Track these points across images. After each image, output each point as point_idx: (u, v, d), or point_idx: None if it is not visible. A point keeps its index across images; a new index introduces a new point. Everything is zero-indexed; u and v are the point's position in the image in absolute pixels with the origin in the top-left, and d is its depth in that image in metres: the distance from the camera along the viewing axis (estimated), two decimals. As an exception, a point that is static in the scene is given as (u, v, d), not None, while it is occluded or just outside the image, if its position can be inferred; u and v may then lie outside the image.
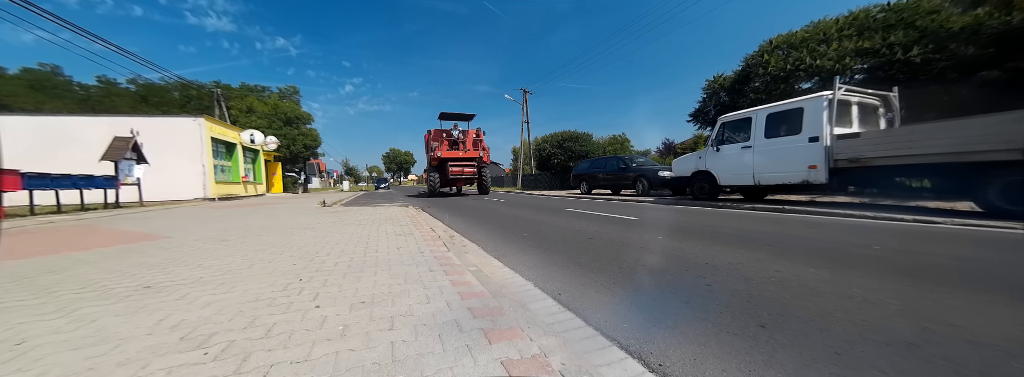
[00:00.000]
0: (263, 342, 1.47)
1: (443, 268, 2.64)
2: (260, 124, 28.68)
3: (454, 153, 16.18)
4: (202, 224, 6.14)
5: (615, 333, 1.72)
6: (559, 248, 3.79)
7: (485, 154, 16.89)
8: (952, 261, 2.88)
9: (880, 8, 10.78)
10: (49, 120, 15.04)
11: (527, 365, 1.26)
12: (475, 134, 17.41)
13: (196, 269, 2.79)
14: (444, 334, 1.52)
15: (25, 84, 34.39)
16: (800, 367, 1.38)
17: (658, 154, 28.99)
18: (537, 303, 2.12)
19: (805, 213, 6.07)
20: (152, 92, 37.75)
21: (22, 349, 1.47)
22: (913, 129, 5.57)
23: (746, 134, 7.91)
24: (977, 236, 3.86)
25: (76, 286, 2.39)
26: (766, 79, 12.13)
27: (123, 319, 1.77)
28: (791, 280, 2.44)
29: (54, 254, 3.61)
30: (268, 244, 3.87)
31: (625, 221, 5.82)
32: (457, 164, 16.12)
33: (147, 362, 1.33)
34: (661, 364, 1.44)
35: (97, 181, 10.01)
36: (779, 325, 1.75)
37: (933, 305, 1.95)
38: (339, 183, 63.79)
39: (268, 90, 38.68)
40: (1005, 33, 8.35)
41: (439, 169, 16.58)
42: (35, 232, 5.57)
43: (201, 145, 16.15)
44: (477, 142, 17.21)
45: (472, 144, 17.10)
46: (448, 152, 16.10)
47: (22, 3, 9.62)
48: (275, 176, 28.23)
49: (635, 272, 2.78)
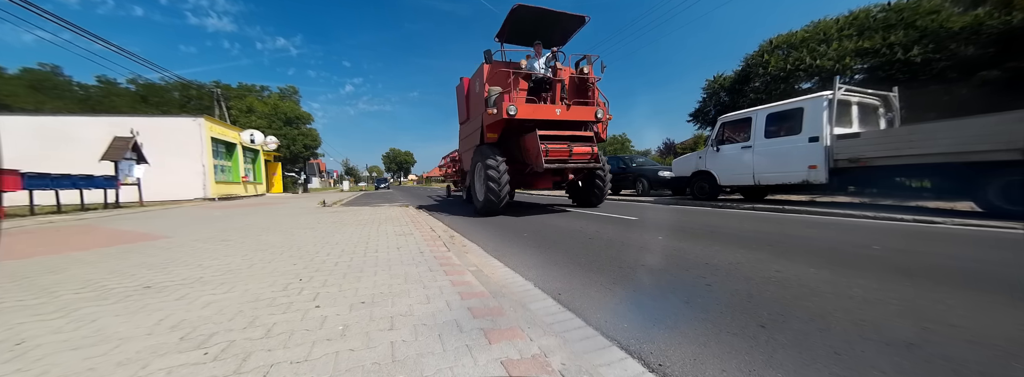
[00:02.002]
0: (263, 342, 1.47)
1: (443, 268, 2.64)
2: (260, 124, 28.70)
3: (541, 111, 6.84)
4: (202, 224, 6.14)
5: (615, 333, 1.72)
6: (559, 248, 3.79)
7: (603, 117, 7.34)
8: (952, 261, 2.88)
9: (880, 8, 10.79)
10: (49, 120, 15.03)
11: (527, 365, 1.26)
12: (580, 71, 7.83)
13: (196, 269, 2.79)
14: (444, 334, 1.52)
15: (25, 84, 34.37)
16: (800, 367, 1.38)
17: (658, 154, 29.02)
18: (537, 303, 2.12)
19: (805, 213, 6.07)
20: (152, 92, 37.75)
21: (22, 349, 1.47)
22: (913, 129, 5.56)
23: (746, 134, 7.91)
24: (977, 236, 3.86)
25: (76, 286, 2.39)
26: (766, 79, 12.14)
27: (123, 319, 1.77)
28: (791, 280, 2.44)
29: (54, 254, 3.61)
30: (268, 244, 3.87)
31: (625, 221, 5.82)
32: (556, 138, 6.83)
33: (147, 362, 1.33)
34: (661, 364, 1.44)
35: (97, 181, 10.00)
36: (779, 325, 1.75)
37: (933, 305, 1.95)
38: (339, 183, 63.80)
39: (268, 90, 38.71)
40: (1005, 33, 8.35)
41: (502, 147, 7.35)
42: (35, 232, 5.57)
43: (201, 145, 16.15)
44: (587, 87, 7.75)
45: (575, 91, 7.75)
46: (529, 108, 6.74)
47: (22, 3, 9.62)
48: (275, 176, 28.23)
49: (635, 272, 2.77)
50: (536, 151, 6.56)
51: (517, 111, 6.48)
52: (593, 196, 8.13)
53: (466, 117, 9.12)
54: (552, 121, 6.96)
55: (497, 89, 7.06)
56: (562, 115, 6.95)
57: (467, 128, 9.11)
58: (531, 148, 6.82)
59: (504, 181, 6.63)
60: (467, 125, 9.11)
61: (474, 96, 8.25)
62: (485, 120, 7.12)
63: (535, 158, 6.63)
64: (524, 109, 6.62)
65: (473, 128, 8.22)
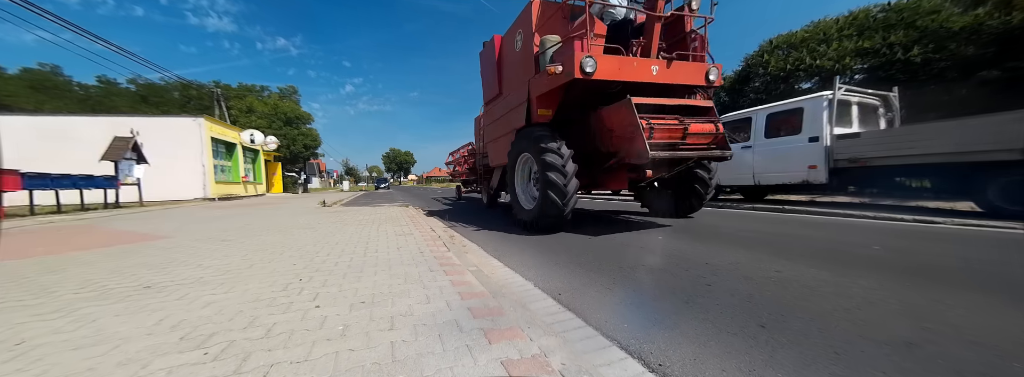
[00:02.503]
0: (263, 342, 1.47)
1: (443, 268, 2.64)
2: (260, 124, 28.72)
3: (630, 69, 4.26)
4: (202, 224, 6.14)
5: (615, 333, 1.72)
6: (559, 248, 3.79)
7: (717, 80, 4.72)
8: (952, 261, 2.88)
9: (880, 8, 10.79)
10: (49, 120, 15.04)
11: (527, 365, 1.26)
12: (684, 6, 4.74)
13: (196, 269, 2.79)
14: (444, 334, 1.52)
15: (25, 84, 34.41)
16: (800, 367, 1.38)
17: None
18: (537, 303, 2.12)
19: (805, 213, 6.07)
20: (152, 92, 37.80)
21: (22, 349, 1.47)
22: (913, 129, 5.57)
23: (746, 134, 7.92)
24: (977, 236, 3.86)
25: (76, 286, 2.39)
26: (766, 79, 12.15)
27: (123, 319, 1.77)
28: (791, 280, 2.44)
29: (54, 254, 3.60)
30: (268, 244, 3.87)
31: (625, 221, 5.82)
32: (661, 111, 4.31)
33: (147, 362, 1.33)
34: (661, 364, 1.44)
35: (97, 181, 10.01)
36: (779, 325, 1.75)
37: (933, 305, 1.95)
38: (339, 183, 63.79)
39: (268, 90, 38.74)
40: (1005, 33, 8.35)
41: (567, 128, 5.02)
42: (35, 232, 5.57)
43: (201, 145, 16.15)
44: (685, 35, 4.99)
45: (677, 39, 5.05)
46: (612, 63, 4.16)
47: (22, 3, 9.63)
48: (275, 176, 28.24)
49: (635, 272, 2.77)
50: (631, 129, 4.08)
51: (596, 67, 3.99)
52: (687, 201, 5.63)
53: (498, 91, 6.40)
54: (646, 84, 4.40)
55: (554, 38, 4.70)
56: (660, 75, 4.35)
57: (498, 108, 6.51)
58: (618, 126, 4.35)
59: (572, 177, 4.31)
60: (498, 103, 6.52)
61: (512, 57, 5.69)
62: (535, 89, 4.76)
63: (629, 141, 4.18)
64: (606, 64, 4.09)
65: (510, 105, 5.72)
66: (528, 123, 5.08)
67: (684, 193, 5.64)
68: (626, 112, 4.13)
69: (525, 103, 5.05)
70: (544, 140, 4.46)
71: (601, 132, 4.75)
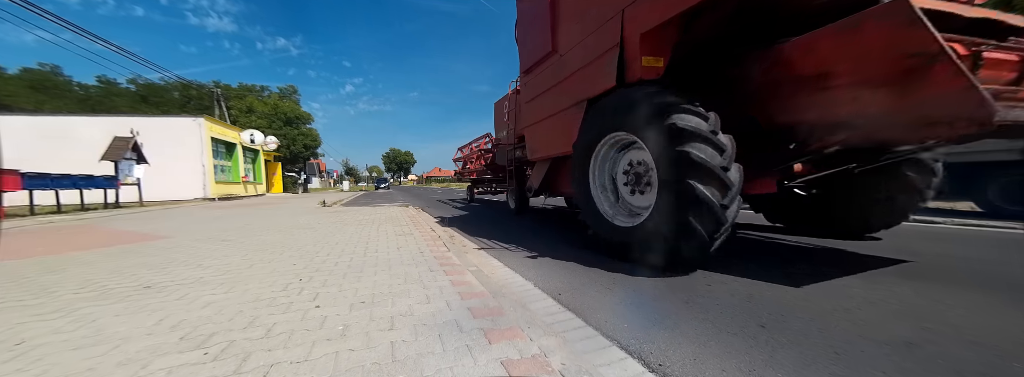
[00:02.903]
0: (263, 342, 1.47)
1: (443, 268, 2.64)
2: (260, 124, 28.74)
3: None
4: (202, 224, 6.14)
5: (615, 333, 1.72)
6: (560, 248, 3.79)
7: None
8: (952, 261, 2.88)
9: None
10: (49, 120, 15.07)
11: (527, 365, 1.26)
12: None
13: (196, 269, 2.79)
14: (444, 334, 1.52)
15: (25, 84, 34.44)
16: (800, 367, 1.38)
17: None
18: (537, 303, 2.12)
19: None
20: (152, 92, 37.82)
21: (22, 349, 1.47)
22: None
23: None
24: (977, 236, 3.86)
25: (76, 286, 2.39)
26: (766, 79, 12.06)
27: (123, 319, 1.77)
28: (790, 280, 2.44)
29: (54, 254, 3.60)
30: (268, 244, 3.87)
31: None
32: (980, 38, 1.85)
33: (147, 362, 1.33)
34: (661, 364, 1.44)
35: (97, 181, 10.01)
36: (779, 325, 1.75)
37: (933, 305, 1.95)
38: (339, 183, 63.80)
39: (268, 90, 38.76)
40: (1005, 33, 8.31)
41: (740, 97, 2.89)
42: (35, 232, 5.57)
43: (201, 145, 16.16)
44: None
45: None
46: None
47: (22, 3, 9.63)
48: (275, 176, 28.26)
49: (635, 272, 2.77)
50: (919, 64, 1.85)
51: None
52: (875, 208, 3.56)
53: (550, 48, 4.38)
54: None
55: None
56: None
57: (548, 73, 4.54)
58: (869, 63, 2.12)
59: (737, 193, 2.46)
60: (546, 67, 4.60)
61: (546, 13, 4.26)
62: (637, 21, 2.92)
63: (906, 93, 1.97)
64: None
65: (577, 62, 3.81)
66: (620, 83, 3.17)
67: (869, 195, 3.53)
68: (899, 29, 1.94)
69: (615, 48, 3.14)
70: (673, 111, 2.52)
71: (781, 87, 2.67)
